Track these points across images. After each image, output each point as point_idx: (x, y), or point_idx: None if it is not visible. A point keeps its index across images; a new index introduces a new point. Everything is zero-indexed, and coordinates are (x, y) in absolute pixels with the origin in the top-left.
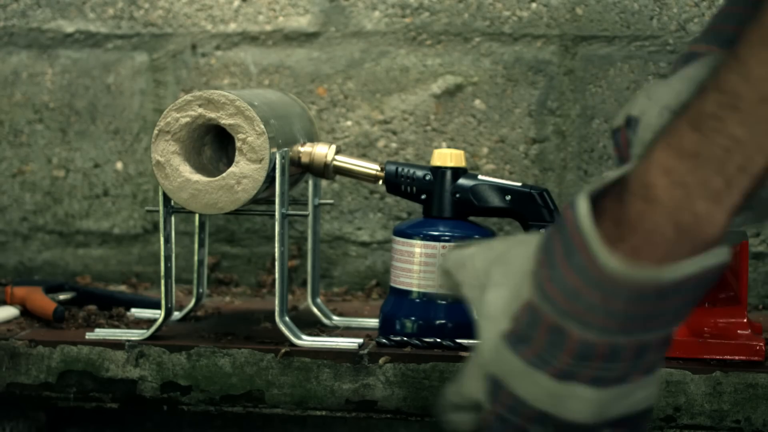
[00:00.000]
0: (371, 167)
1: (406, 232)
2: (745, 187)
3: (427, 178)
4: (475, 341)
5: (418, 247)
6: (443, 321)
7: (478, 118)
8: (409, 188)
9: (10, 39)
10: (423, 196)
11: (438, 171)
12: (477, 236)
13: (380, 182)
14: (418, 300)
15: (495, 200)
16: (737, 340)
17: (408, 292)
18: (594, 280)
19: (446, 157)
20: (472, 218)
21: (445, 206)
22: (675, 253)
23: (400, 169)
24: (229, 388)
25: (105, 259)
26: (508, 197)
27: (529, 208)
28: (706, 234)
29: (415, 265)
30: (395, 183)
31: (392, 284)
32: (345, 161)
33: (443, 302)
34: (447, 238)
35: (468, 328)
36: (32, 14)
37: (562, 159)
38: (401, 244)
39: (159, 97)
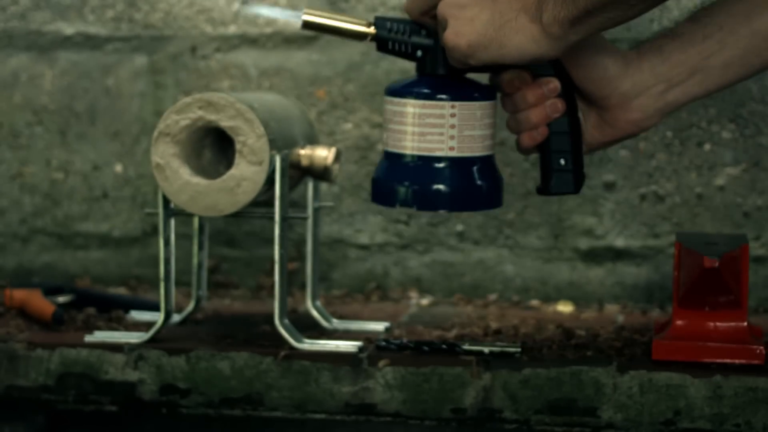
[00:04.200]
0: (359, 22)
1: (400, 90)
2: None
3: (424, 32)
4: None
5: (411, 107)
6: (440, 186)
7: None
8: (402, 45)
9: (10, 41)
10: (419, 53)
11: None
12: (477, 94)
13: (368, 39)
14: (412, 164)
15: None
16: (737, 343)
17: (401, 156)
18: None
19: None
20: (469, 75)
21: (441, 62)
22: None
23: (393, 24)
24: (228, 391)
25: (104, 262)
26: None
27: None
28: None
29: (409, 126)
30: (388, 39)
31: (385, 148)
32: (320, 15)
33: (440, 165)
34: (444, 96)
35: (466, 195)
36: (32, 16)
37: None
38: (394, 104)
39: (158, 100)
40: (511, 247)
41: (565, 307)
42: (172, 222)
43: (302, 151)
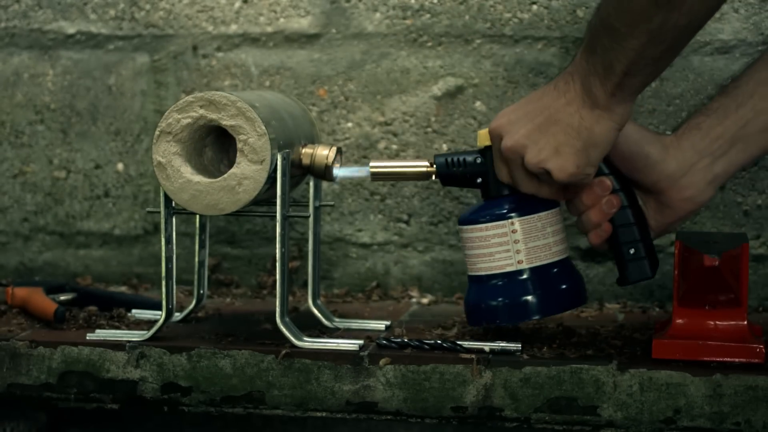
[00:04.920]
0: (420, 165)
1: (466, 219)
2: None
3: (479, 161)
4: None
5: (477, 231)
6: (524, 297)
7: (478, 120)
8: (462, 177)
9: (12, 40)
10: (479, 180)
11: (488, 151)
12: (535, 207)
13: (433, 177)
14: (491, 283)
15: None
16: (737, 342)
17: (480, 278)
18: None
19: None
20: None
21: (500, 184)
22: None
23: (449, 159)
24: (229, 389)
25: (106, 260)
26: None
27: None
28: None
29: (479, 249)
30: (448, 174)
31: (470, 273)
32: (386, 165)
33: (517, 279)
34: (502, 216)
35: (548, 300)
36: (34, 15)
37: None
38: (470, 232)
39: (160, 98)
40: None
41: None
42: (174, 220)
43: (303, 150)
